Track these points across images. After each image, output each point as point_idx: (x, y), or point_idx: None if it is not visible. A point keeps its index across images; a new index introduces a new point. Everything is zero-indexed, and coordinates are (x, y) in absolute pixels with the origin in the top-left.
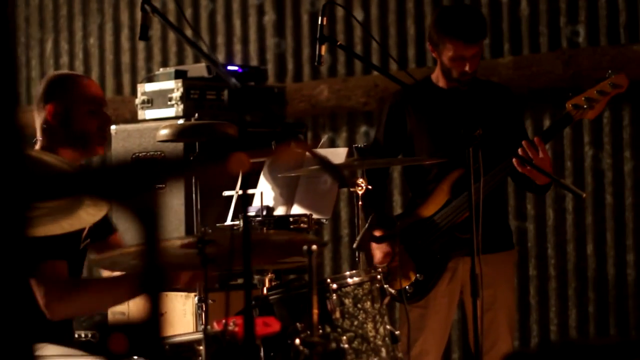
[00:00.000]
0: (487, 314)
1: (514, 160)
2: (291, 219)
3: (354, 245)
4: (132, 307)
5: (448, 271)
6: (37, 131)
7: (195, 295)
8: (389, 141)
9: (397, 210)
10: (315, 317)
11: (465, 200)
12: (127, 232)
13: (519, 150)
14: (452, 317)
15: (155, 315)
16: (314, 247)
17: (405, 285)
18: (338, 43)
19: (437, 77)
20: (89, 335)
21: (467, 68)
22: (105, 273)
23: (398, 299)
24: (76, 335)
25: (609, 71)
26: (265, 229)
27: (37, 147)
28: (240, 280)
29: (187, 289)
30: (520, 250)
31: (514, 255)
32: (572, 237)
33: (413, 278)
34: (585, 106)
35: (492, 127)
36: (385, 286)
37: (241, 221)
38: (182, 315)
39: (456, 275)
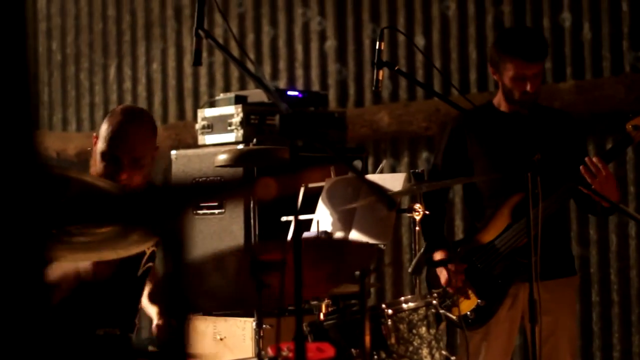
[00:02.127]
0: (549, 341)
1: (582, 170)
2: None
3: (409, 270)
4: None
5: (509, 297)
6: None
7: (253, 321)
8: (448, 166)
9: (459, 235)
10: (367, 342)
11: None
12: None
13: (581, 167)
14: (513, 343)
15: (182, 339)
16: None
17: (467, 311)
18: (396, 68)
19: (498, 101)
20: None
21: (528, 88)
22: None
23: (458, 324)
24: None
25: None
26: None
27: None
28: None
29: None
30: (582, 276)
31: (575, 281)
32: (635, 263)
33: (475, 304)
34: None
35: (553, 153)
36: (442, 311)
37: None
38: (241, 340)
39: (517, 301)
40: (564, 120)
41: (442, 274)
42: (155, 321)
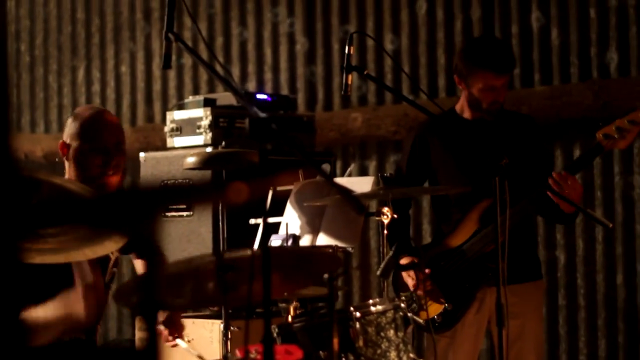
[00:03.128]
0: (515, 345)
1: (551, 184)
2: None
3: (378, 273)
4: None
5: (476, 301)
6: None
7: (221, 323)
8: (413, 171)
9: (427, 239)
10: (336, 345)
11: (494, 230)
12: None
13: (549, 180)
14: (479, 347)
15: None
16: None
17: (434, 314)
18: (365, 72)
19: (461, 107)
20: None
21: (497, 97)
22: None
23: (425, 328)
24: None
25: None
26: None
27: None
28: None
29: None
30: (549, 280)
31: (541, 285)
32: (601, 267)
33: (442, 307)
34: (616, 136)
35: (517, 157)
36: (409, 315)
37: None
38: (209, 342)
39: (484, 305)
40: (527, 124)
41: (410, 278)
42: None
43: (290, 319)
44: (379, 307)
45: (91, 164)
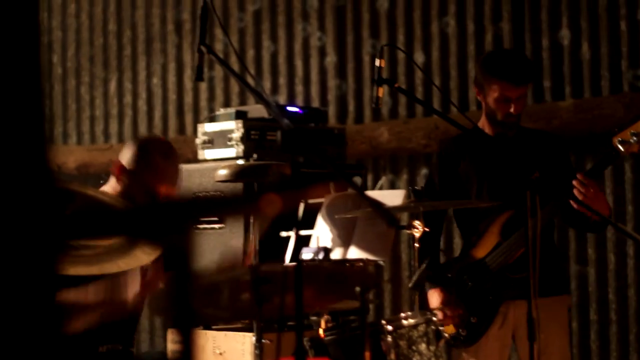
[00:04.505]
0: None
1: (574, 191)
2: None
3: (410, 285)
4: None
5: (499, 315)
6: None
7: (253, 335)
8: (443, 185)
9: (458, 252)
10: (367, 358)
11: (516, 242)
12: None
13: (574, 182)
14: None
15: (188, 353)
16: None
17: (459, 328)
18: (396, 85)
19: (482, 124)
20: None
21: (512, 110)
22: None
23: (451, 342)
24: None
25: None
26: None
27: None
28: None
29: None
30: (581, 294)
31: (567, 300)
32: (633, 282)
33: (466, 321)
34: (631, 140)
35: (542, 172)
36: (441, 328)
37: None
38: (240, 354)
39: (507, 319)
40: (547, 139)
41: (434, 298)
42: None
43: (321, 332)
44: (411, 321)
45: (136, 198)
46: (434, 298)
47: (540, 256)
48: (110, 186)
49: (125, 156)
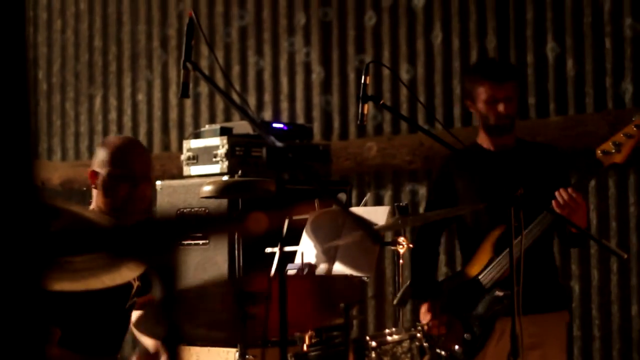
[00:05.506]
0: None
1: (553, 202)
2: None
3: (394, 302)
4: None
5: (496, 332)
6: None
7: (236, 351)
8: (438, 203)
9: (442, 268)
10: None
11: (507, 258)
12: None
13: (556, 193)
14: None
15: None
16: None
17: (455, 346)
18: (381, 102)
19: (482, 139)
20: None
21: (501, 109)
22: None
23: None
24: None
25: (635, 114)
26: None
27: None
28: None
29: None
30: None
31: (564, 316)
32: (616, 298)
33: (461, 338)
34: (613, 150)
35: (537, 187)
36: (425, 344)
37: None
38: None
39: (503, 336)
40: (548, 153)
41: (425, 315)
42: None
43: (305, 347)
44: (395, 337)
45: (118, 192)
46: (423, 310)
47: (537, 271)
48: (95, 202)
49: (95, 161)
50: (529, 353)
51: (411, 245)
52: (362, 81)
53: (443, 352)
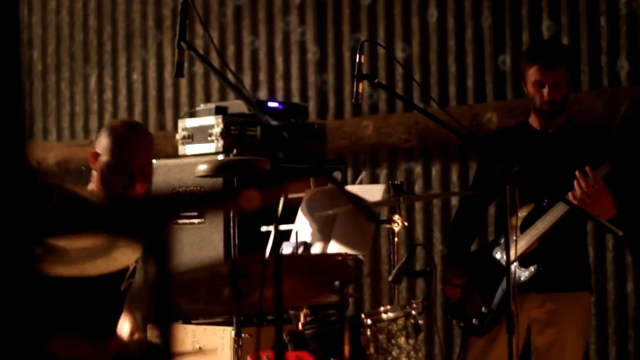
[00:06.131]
0: (550, 353)
1: (569, 193)
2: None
3: (390, 279)
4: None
5: None
6: None
7: (232, 330)
8: (484, 181)
9: (438, 246)
10: (346, 352)
11: (529, 235)
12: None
13: (575, 181)
14: (518, 353)
15: (167, 347)
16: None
17: (472, 318)
18: (376, 81)
19: (532, 118)
20: None
21: (545, 94)
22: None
23: (463, 330)
24: None
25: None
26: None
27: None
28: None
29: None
30: None
31: (586, 297)
32: (612, 275)
33: (480, 311)
34: None
35: (580, 168)
36: (421, 322)
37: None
38: (220, 349)
39: (522, 310)
40: (593, 135)
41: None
42: (127, 333)
43: (301, 326)
44: (390, 315)
45: (115, 183)
46: (451, 271)
47: (563, 250)
48: (93, 183)
49: (97, 142)
50: (545, 329)
51: (406, 224)
52: (357, 60)
53: (461, 323)
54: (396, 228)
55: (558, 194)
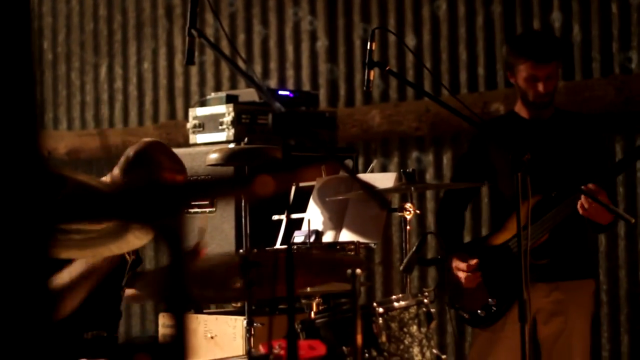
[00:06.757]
0: (558, 342)
1: (578, 205)
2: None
3: (401, 268)
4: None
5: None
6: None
7: (244, 319)
8: (463, 172)
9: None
10: (359, 341)
11: (540, 226)
12: None
13: (582, 198)
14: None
15: (181, 336)
16: (357, 270)
17: (477, 309)
18: (387, 68)
19: (519, 107)
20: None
21: (540, 88)
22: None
23: (468, 322)
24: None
25: None
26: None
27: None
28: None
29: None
30: None
31: (591, 284)
32: (624, 263)
33: (485, 303)
34: None
35: (571, 157)
36: (432, 310)
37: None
38: (232, 338)
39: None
40: (583, 122)
41: (460, 272)
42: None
43: (313, 314)
44: (402, 303)
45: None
46: (458, 265)
47: (566, 239)
48: (112, 176)
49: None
50: (551, 319)
51: (418, 212)
52: (368, 47)
53: (466, 315)
54: (408, 216)
55: (568, 186)
